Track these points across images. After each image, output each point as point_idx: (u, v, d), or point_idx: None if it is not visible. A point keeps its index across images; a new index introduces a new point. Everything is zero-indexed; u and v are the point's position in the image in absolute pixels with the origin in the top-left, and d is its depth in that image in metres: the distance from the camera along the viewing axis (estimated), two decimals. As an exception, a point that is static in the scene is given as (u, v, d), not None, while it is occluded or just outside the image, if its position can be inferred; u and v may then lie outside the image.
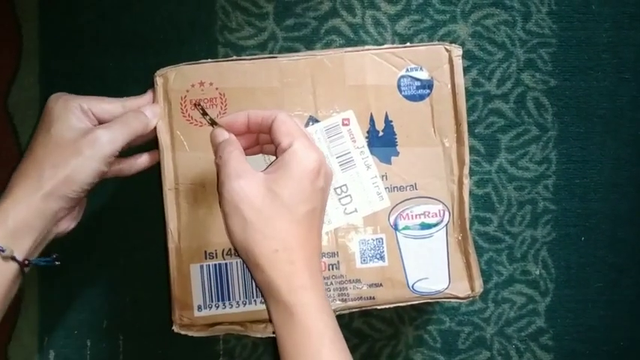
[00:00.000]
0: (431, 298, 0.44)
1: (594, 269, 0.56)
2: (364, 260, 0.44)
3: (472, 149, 0.55)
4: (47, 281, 0.54)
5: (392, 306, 0.44)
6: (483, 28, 0.56)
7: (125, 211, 0.54)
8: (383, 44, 0.55)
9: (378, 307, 0.44)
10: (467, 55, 0.55)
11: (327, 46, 0.55)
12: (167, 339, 0.54)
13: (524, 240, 0.56)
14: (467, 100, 0.55)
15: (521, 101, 0.56)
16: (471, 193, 0.55)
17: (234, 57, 0.45)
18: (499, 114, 0.56)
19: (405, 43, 0.55)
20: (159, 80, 0.44)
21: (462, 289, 0.44)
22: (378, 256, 0.44)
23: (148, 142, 0.45)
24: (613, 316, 0.56)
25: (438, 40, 0.55)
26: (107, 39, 0.55)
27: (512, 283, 0.56)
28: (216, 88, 0.44)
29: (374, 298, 0.44)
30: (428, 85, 0.44)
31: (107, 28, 0.55)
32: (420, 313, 0.55)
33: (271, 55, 0.44)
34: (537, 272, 0.56)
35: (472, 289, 0.44)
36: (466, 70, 0.55)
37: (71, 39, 0.55)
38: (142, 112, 0.43)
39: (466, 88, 0.55)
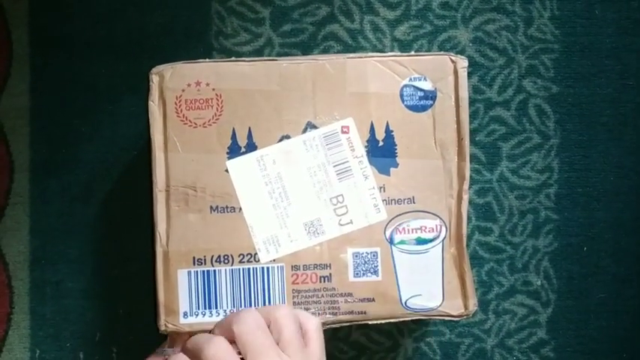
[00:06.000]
0: (423, 315, 0.43)
1: (597, 280, 0.55)
2: (357, 274, 0.43)
3: (473, 157, 0.54)
4: (38, 293, 0.53)
5: (384, 321, 0.43)
6: (484, 33, 0.54)
7: (118, 221, 0.53)
8: (382, 50, 0.54)
9: (369, 323, 0.43)
10: (467, 62, 0.54)
11: (325, 52, 0.54)
12: (161, 352, 0.53)
13: (526, 250, 0.55)
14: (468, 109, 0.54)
15: (523, 108, 0.55)
16: (471, 203, 0.54)
17: (234, 58, 0.44)
18: (500, 121, 0.55)
19: (405, 49, 0.54)
20: (154, 78, 0.42)
21: (455, 307, 0.43)
22: (371, 270, 0.43)
23: (141, 142, 0.44)
24: (616, 327, 0.55)
25: (438, 46, 0.54)
26: (100, 45, 0.53)
27: (513, 294, 0.55)
28: (213, 89, 0.42)
29: (365, 312, 0.43)
30: (431, 95, 0.43)
31: (99, 34, 0.53)
32: (419, 325, 0.54)
33: (271, 58, 0.43)
34: (539, 283, 0.55)
35: (466, 308, 0.43)
36: (467, 76, 0.54)
37: (63, 45, 0.53)
38: None
39: (467, 95, 0.54)
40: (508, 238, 0.55)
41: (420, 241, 0.43)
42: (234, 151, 0.43)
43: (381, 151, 0.43)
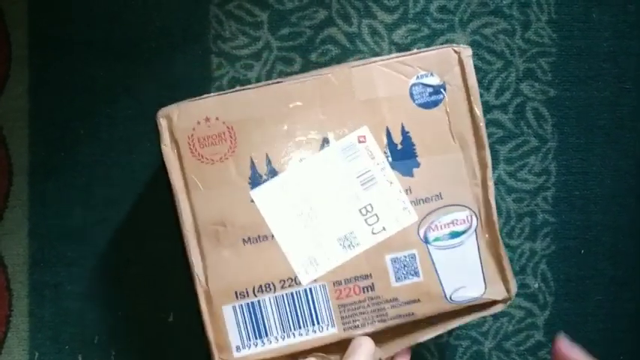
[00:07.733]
0: (470, 305, 0.43)
1: (594, 282, 0.55)
2: (399, 278, 0.43)
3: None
4: (37, 295, 0.53)
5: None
6: (482, 37, 0.55)
7: (118, 224, 0.53)
8: (380, 53, 0.54)
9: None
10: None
11: (323, 55, 0.54)
12: (159, 354, 0.53)
13: (523, 253, 0.55)
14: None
15: (521, 112, 0.55)
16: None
17: (238, 87, 0.43)
18: (498, 125, 0.55)
19: (404, 52, 0.54)
20: (162, 121, 0.42)
21: (498, 292, 0.43)
22: (412, 273, 0.43)
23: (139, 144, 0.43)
24: (613, 329, 0.55)
25: (436, 50, 0.54)
26: (98, 47, 0.53)
27: (510, 297, 0.55)
28: (223, 122, 0.42)
29: (413, 314, 0.43)
30: (440, 90, 0.43)
31: (98, 36, 0.53)
32: (417, 328, 0.54)
33: (275, 80, 0.43)
34: (536, 285, 0.55)
35: (508, 291, 0.44)
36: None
37: (61, 47, 0.53)
38: None
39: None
40: (506, 241, 0.55)
41: (454, 235, 0.43)
42: (255, 180, 0.42)
43: (401, 154, 0.43)
